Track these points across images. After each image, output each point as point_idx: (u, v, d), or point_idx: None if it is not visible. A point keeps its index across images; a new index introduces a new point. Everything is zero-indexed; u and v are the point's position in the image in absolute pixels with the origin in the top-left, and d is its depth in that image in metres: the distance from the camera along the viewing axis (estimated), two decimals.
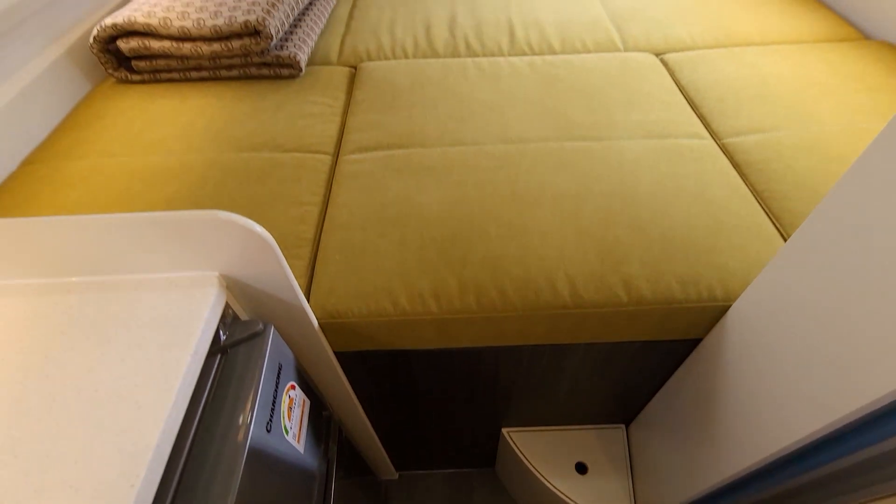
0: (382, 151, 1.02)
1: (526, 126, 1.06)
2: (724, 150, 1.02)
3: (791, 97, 1.11)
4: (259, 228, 0.57)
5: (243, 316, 0.70)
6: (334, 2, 1.60)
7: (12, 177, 1.01)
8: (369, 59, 1.37)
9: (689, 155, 0.98)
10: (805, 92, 1.12)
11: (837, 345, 0.51)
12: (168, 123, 1.11)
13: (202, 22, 1.12)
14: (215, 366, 0.61)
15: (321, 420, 0.84)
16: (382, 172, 0.96)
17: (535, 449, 1.17)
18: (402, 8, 1.58)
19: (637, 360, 0.91)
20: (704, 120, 1.10)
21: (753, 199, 0.89)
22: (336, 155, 1.05)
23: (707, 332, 0.81)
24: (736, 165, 0.98)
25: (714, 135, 1.06)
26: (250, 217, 0.87)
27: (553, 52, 1.35)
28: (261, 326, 0.65)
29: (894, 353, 0.44)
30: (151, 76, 1.24)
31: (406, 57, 1.37)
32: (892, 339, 0.44)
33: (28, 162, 1.05)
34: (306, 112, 1.14)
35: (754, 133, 1.03)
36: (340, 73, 1.29)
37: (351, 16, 1.56)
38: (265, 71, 1.23)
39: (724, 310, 0.76)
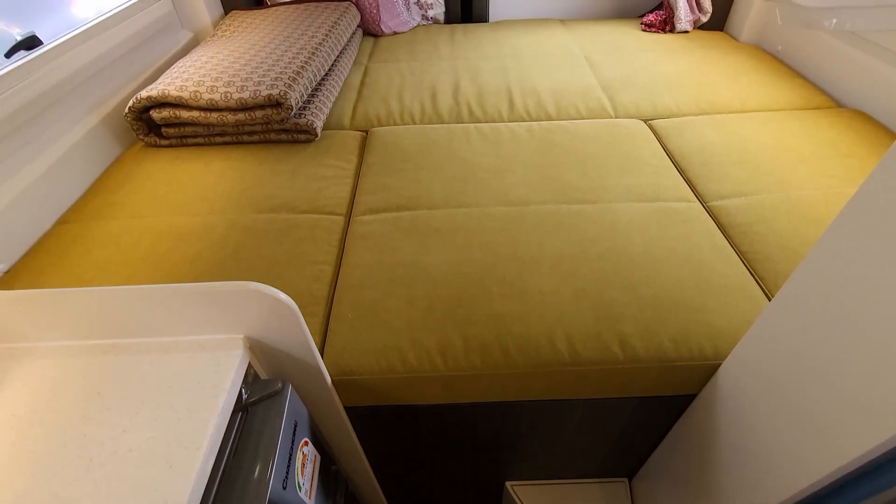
0: (392, 213, 1.10)
1: (525, 189, 1.14)
2: (710, 212, 1.09)
3: (770, 163, 1.20)
4: (284, 296, 0.63)
5: (263, 374, 0.74)
6: (348, 70, 1.74)
7: (47, 235, 1.08)
8: (379, 124, 1.48)
9: (678, 217, 1.05)
10: (783, 158, 1.21)
11: (817, 403, 0.55)
12: (192, 186, 1.19)
13: (229, 95, 1.23)
14: (237, 423, 0.65)
15: (329, 475, 0.87)
16: (392, 233, 1.03)
17: (539, 502, 1.17)
18: (409, 76, 1.71)
19: (636, 415, 0.94)
20: (691, 183, 1.18)
21: (739, 260, 0.95)
22: (348, 216, 1.13)
23: (701, 388, 0.85)
24: (721, 227, 1.05)
25: (700, 198, 1.13)
26: (268, 276, 0.93)
27: (549, 118, 1.46)
28: (280, 385, 0.69)
29: (874, 412, 0.48)
30: (178, 141, 1.34)
31: (413, 122, 1.48)
32: (871, 398, 0.48)
33: (62, 221, 1.13)
34: (321, 175, 1.23)
35: (737, 197, 1.11)
36: (353, 138, 1.39)
37: (363, 83, 1.69)
38: (284, 136, 1.34)
39: (714, 367, 0.81)
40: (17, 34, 1.12)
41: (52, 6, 1.26)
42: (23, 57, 1.10)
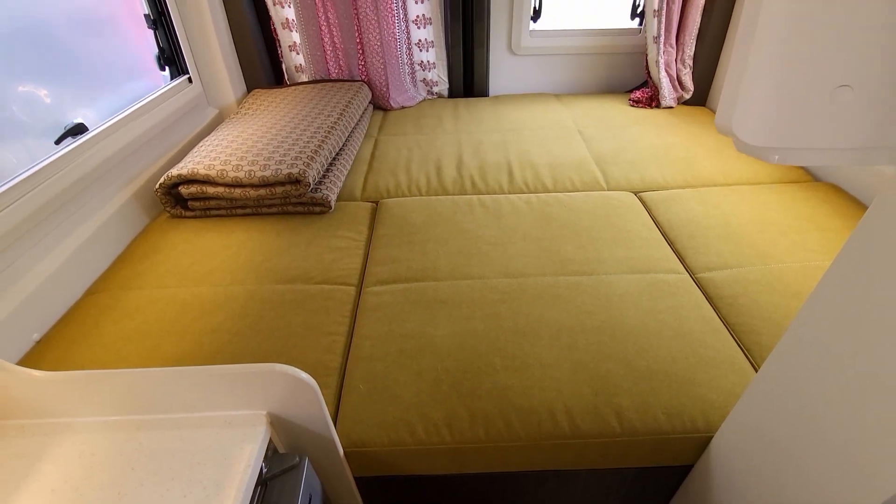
0: (400, 284, 1.17)
1: (525, 261, 1.23)
2: (698, 283, 1.17)
3: (753, 235, 1.29)
4: (305, 376, 0.69)
5: (281, 448, 0.79)
6: (360, 144, 1.88)
7: (77, 305, 1.16)
8: (389, 195, 1.59)
9: (668, 289, 1.13)
10: (764, 231, 1.30)
11: (803, 474, 0.60)
12: (215, 257, 1.28)
13: (252, 173, 1.35)
14: (256, 498, 0.69)
15: None
16: (401, 305, 1.11)
17: None
18: (416, 149, 1.85)
19: (635, 485, 0.96)
20: (679, 255, 1.26)
21: (727, 332, 1.02)
22: (360, 286, 1.20)
23: (696, 459, 0.89)
24: (709, 299, 1.12)
25: (689, 269, 1.21)
26: (286, 347, 1.00)
27: (546, 191, 1.57)
28: (297, 460, 0.74)
29: (863, 473, 0.52)
30: (202, 213, 1.45)
31: (420, 194, 1.59)
32: (855, 471, 0.52)
33: (91, 292, 1.20)
34: (334, 246, 1.32)
35: (723, 269, 1.19)
36: (364, 209, 1.50)
37: (373, 155, 1.83)
38: (300, 209, 1.44)
39: (707, 439, 0.85)
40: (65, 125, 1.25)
41: (98, 93, 1.41)
42: (70, 143, 1.22)
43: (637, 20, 2.25)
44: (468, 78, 2.39)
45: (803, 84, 0.43)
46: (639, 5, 2.21)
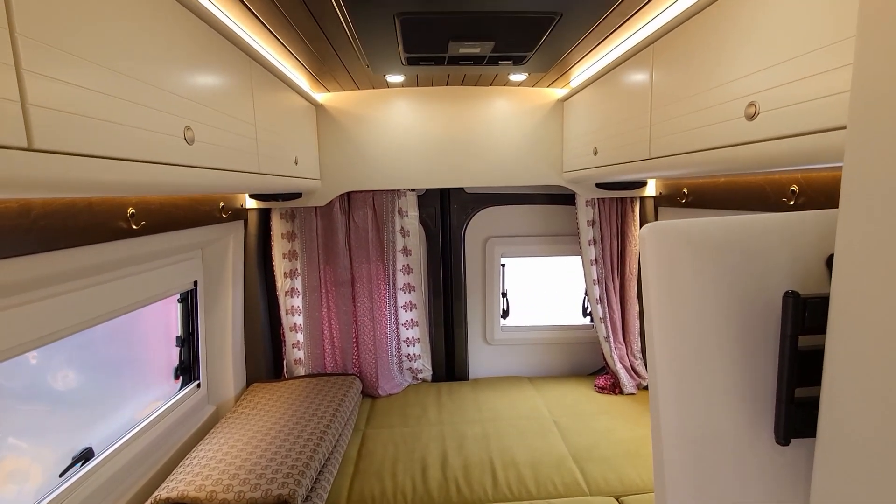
0: None
1: None
2: None
3: None
4: None
5: None
6: (347, 441, 1.96)
7: None
8: (374, 503, 1.58)
9: None
10: None
11: None
12: None
13: (242, 495, 1.38)
14: None
15: None
16: None
17: None
18: (402, 445, 1.93)
19: None
20: None
21: None
22: None
23: None
24: None
25: None
26: None
27: (531, 497, 1.60)
28: None
29: None
30: None
31: (406, 502, 1.59)
32: None
33: None
34: None
35: None
36: None
37: (360, 454, 1.88)
38: None
39: None
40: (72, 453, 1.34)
41: (105, 414, 1.54)
42: (77, 472, 1.28)
43: (588, 318, 2.72)
44: (450, 364, 2.68)
45: None
46: (587, 307, 2.71)
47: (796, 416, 0.60)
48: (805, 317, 0.58)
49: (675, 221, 0.68)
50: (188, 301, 1.93)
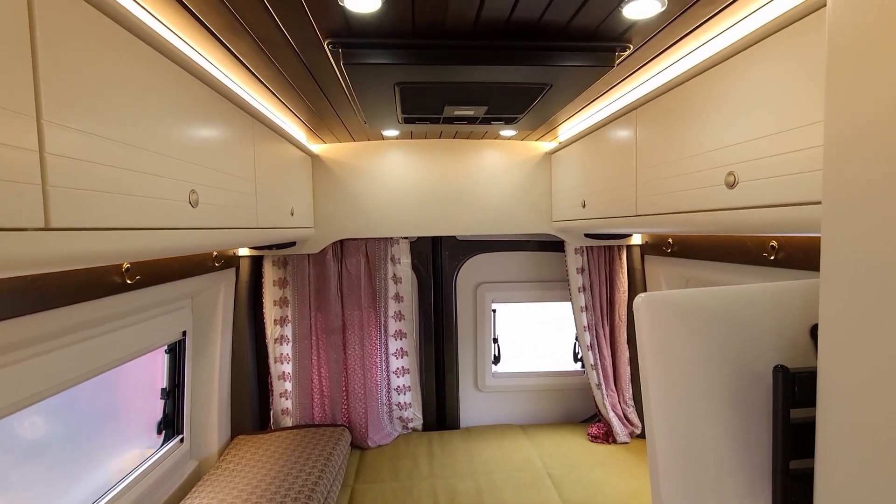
0: None
1: None
2: None
3: None
4: None
5: None
6: (335, 499, 1.88)
7: None
8: None
9: None
10: None
11: None
12: None
13: None
14: None
15: None
16: None
17: None
18: (393, 502, 1.86)
19: None
20: None
21: None
22: None
23: None
24: None
25: None
26: None
27: None
28: None
29: None
30: None
31: None
32: None
33: None
34: None
35: None
36: None
37: None
38: None
39: None
40: None
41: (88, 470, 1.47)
42: None
43: (579, 364, 2.72)
44: (441, 412, 2.63)
45: None
46: (578, 353, 2.72)
47: (792, 489, 0.62)
48: (795, 391, 0.61)
49: (668, 293, 0.71)
50: (175, 351, 1.89)
